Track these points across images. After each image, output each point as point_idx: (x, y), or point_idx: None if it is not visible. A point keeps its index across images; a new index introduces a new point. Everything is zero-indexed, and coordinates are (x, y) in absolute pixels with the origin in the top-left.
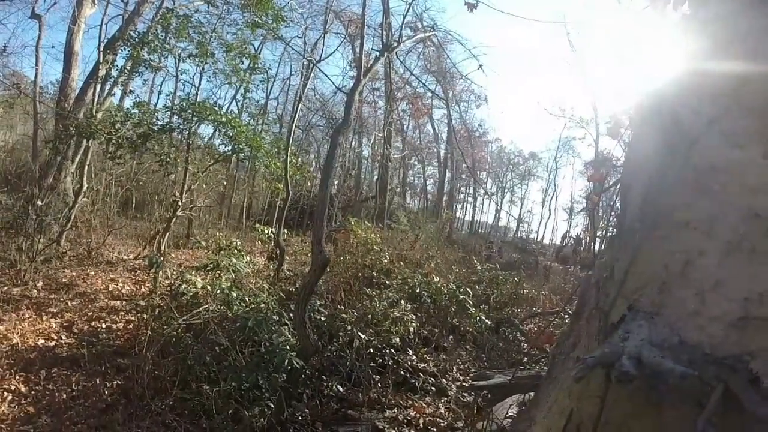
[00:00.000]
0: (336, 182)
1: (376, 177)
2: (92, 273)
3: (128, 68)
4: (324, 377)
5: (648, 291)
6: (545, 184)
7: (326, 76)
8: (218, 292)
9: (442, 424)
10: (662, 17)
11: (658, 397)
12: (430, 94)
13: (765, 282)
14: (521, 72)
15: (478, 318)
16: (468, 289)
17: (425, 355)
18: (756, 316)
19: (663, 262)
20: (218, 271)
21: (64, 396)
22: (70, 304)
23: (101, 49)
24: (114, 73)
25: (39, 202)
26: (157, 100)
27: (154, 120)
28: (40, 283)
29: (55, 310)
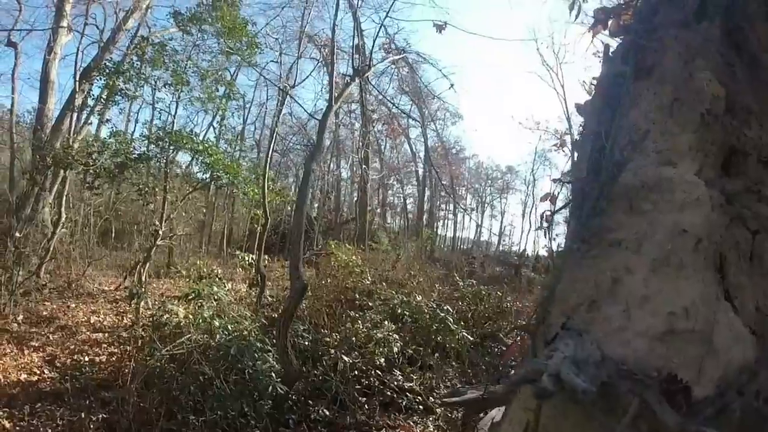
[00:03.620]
0: (316, 206)
1: (355, 199)
2: (73, 305)
3: (104, 97)
4: (310, 402)
5: (580, 309)
6: (524, 197)
7: (298, 103)
8: (201, 321)
9: None
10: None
11: (580, 409)
12: (409, 115)
13: (690, 296)
14: (495, 87)
15: (460, 335)
16: (448, 307)
17: (411, 374)
18: (682, 329)
19: (594, 281)
20: (200, 300)
21: (50, 431)
22: (51, 338)
23: (77, 78)
24: (90, 102)
25: (17, 234)
26: (134, 128)
27: (131, 149)
28: (21, 317)
29: (36, 344)
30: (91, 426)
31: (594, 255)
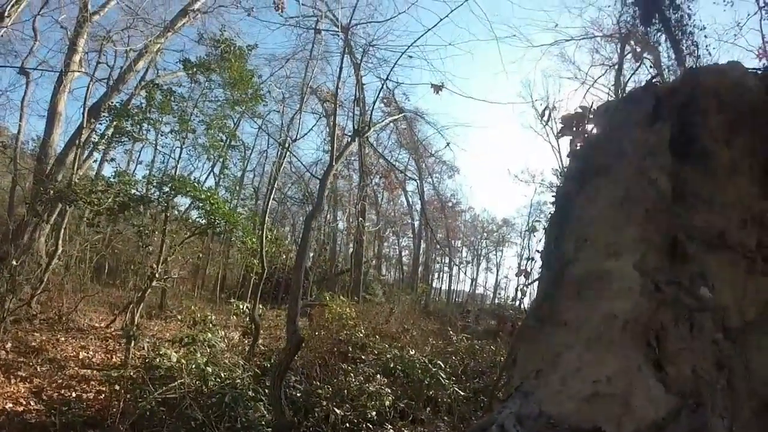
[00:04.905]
0: (311, 255)
1: (351, 250)
2: (62, 339)
3: (109, 135)
4: None
5: (530, 375)
6: (520, 250)
7: (298, 159)
8: (194, 367)
9: None
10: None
11: None
12: (405, 170)
13: (613, 367)
14: (492, 141)
15: (452, 389)
16: (440, 362)
17: (402, 428)
18: (604, 393)
19: (542, 354)
20: (193, 346)
21: None
22: (39, 370)
23: (85, 113)
24: (95, 138)
25: (13, 262)
26: (135, 167)
27: (134, 190)
28: (9, 345)
29: (24, 375)
30: None
31: (546, 332)
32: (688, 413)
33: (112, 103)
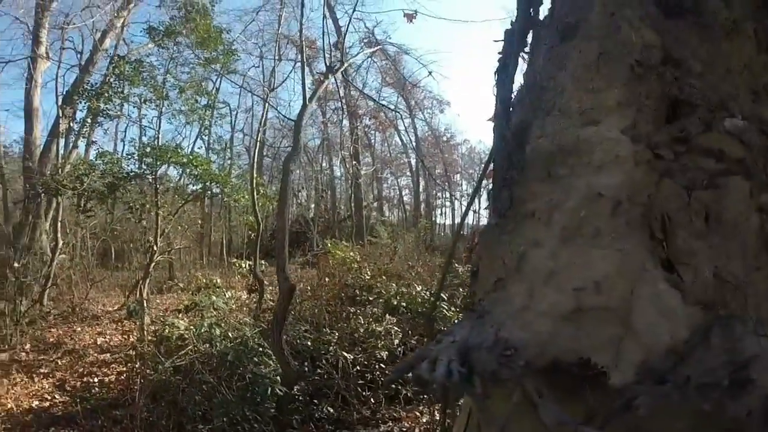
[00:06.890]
0: (312, 206)
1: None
2: (78, 329)
3: (89, 120)
4: (314, 401)
5: (487, 289)
6: None
7: (275, 109)
8: (201, 331)
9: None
10: None
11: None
12: (392, 107)
13: (603, 268)
14: (478, 70)
15: (456, 321)
16: (443, 294)
17: None
18: (591, 306)
19: (502, 258)
20: (200, 311)
21: None
22: (60, 363)
23: (59, 103)
24: (75, 126)
25: (16, 265)
26: (123, 147)
27: (120, 169)
28: (28, 345)
29: (45, 371)
30: None
31: (510, 230)
32: (721, 331)
33: (85, 86)
